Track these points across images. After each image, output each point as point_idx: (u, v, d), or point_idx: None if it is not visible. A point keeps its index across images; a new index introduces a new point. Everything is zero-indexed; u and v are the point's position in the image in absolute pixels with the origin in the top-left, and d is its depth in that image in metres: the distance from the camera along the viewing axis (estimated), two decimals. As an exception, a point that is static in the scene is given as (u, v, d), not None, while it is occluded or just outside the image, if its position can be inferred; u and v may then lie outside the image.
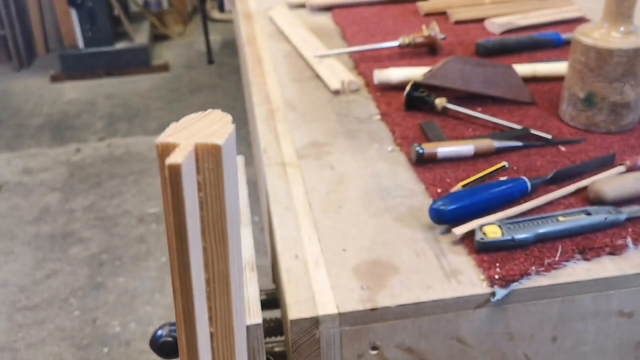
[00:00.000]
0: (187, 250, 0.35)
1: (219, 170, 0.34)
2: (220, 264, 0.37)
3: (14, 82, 3.67)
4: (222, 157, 0.34)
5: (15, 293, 2.14)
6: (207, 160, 0.34)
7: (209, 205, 0.35)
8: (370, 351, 0.65)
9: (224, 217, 0.35)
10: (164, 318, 2.00)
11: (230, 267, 0.37)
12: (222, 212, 0.35)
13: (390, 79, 1.04)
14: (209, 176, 0.34)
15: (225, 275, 0.37)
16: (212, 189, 0.35)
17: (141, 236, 2.38)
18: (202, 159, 0.34)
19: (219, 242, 0.36)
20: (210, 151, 0.34)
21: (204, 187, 0.35)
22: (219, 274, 0.37)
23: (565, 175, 0.81)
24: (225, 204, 0.35)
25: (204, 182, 0.35)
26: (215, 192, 0.35)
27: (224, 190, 0.35)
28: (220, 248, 0.36)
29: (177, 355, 0.73)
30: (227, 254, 0.37)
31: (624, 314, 0.68)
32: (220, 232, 0.36)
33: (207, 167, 0.34)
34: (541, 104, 1.00)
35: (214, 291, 0.38)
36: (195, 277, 0.36)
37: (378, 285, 0.66)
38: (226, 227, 0.36)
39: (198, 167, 0.34)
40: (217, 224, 0.36)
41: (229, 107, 3.30)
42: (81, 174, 2.79)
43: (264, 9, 1.43)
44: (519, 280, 0.65)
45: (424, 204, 0.78)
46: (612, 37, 0.86)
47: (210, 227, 0.36)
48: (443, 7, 1.38)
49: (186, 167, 0.33)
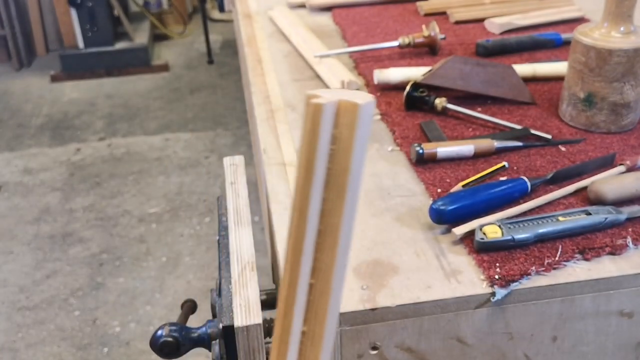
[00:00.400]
0: (309, 191, 0.39)
1: (353, 127, 0.38)
2: (334, 216, 0.40)
3: (14, 82, 3.67)
4: (358, 115, 0.38)
5: (15, 293, 2.14)
6: (345, 116, 0.38)
7: (337, 159, 0.39)
8: (370, 351, 0.65)
9: (347, 173, 0.39)
10: (164, 318, 2.00)
11: (341, 223, 0.40)
12: (346, 167, 0.39)
13: (390, 79, 1.04)
14: (344, 131, 0.38)
15: (336, 229, 0.40)
16: (343, 144, 0.38)
17: (141, 236, 2.38)
18: (341, 114, 0.38)
19: (338, 195, 0.39)
20: (350, 109, 0.38)
21: (337, 141, 0.38)
22: (331, 227, 0.40)
23: (565, 175, 0.81)
24: (350, 161, 0.39)
25: (339, 136, 0.38)
26: (345, 148, 0.38)
27: (352, 148, 0.38)
28: (338, 202, 0.40)
29: (177, 355, 0.73)
30: (342, 209, 0.40)
31: (624, 314, 0.68)
32: (341, 187, 0.39)
33: (343, 122, 0.38)
34: (541, 104, 1.00)
35: (323, 243, 0.41)
36: (311, 219, 0.40)
37: (378, 285, 0.66)
38: (346, 183, 0.39)
39: (336, 121, 0.38)
40: (339, 178, 0.39)
41: (229, 107, 3.30)
42: (81, 174, 2.79)
43: (264, 9, 1.43)
44: (519, 280, 0.65)
45: (424, 204, 0.78)
46: (612, 37, 0.86)
47: (334, 179, 0.39)
48: (443, 7, 1.38)
49: (327, 110, 0.37)
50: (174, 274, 2.19)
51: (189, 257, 2.27)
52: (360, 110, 0.38)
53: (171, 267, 2.22)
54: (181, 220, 2.46)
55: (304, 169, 0.39)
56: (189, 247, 2.31)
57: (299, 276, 0.41)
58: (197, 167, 2.81)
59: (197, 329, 0.74)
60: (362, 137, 0.39)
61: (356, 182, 0.40)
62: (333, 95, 0.38)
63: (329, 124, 0.38)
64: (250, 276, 0.71)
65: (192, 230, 2.40)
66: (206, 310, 1.13)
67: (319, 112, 0.37)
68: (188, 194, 2.62)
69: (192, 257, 2.27)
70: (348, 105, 0.38)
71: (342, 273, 0.42)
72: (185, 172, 2.76)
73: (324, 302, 0.42)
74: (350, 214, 0.40)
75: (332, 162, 0.39)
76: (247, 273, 0.72)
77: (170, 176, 2.74)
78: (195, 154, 2.91)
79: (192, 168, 2.79)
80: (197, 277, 2.17)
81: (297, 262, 0.41)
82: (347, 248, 0.41)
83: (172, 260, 2.26)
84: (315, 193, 0.39)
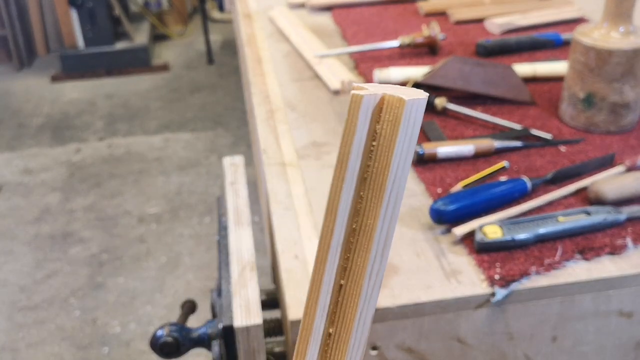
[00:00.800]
0: (340, 186, 0.37)
1: (397, 124, 0.36)
2: (370, 217, 0.38)
3: (14, 82, 3.68)
4: (403, 112, 0.35)
5: (15, 293, 2.14)
6: (389, 111, 0.36)
7: (378, 156, 0.37)
8: (371, 351, 0.65)
9: (387, 172, 0.37)
10: (164, 318, 2.00)
11: (377, 225, 0.38)
12: (387, 166, 0.37)
13: (390, 79, 1.04)
14: (386, 127, 0.36)
15: (371, 230, 0.38)
16: (385, 141, 0.36)
17: (141, 236, 2.38)
18: (385, 109, 0.36)
19: (377, 195, 0.37)
20: (395, 104, 0.35)
21: (379, 137, 0.36)
22: (366, 228, 0.38)
23: (565, 175, 0.81)
24: (392, 159, 0.36)
25: (381, 133, 0.36)
26: (387, 145, 0.36)
27: (395, 146, 0.36)
28: (375, 201, 0.38)
29: (177, 355, 0.73)
30: (380, 209, 0.38)
31: (623, 314, 0.69)
32: (380, 186, 0.37)
33: (387, 118, 0.36)
34: (541, 104, 1.00)
35: (357, 244, 0.39)
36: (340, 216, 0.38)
37: (378, 285, 0.66)
38: (386, 183, 0.37)
39: (380, 116, 0.36)
40: (379, 177, 0.37)
41: (229, 107, 3.30)
42: (81, 174, 2.79)
43: (264, 9, 1.43)
44: (519, 280, 0.65)
45: (424, 204, 0.78)
46: (611, 37, 0.86)
47: (373, 177, 0.37)
48: (443, 7, 1.38)
49: (366, 102, 0.35)
50: (174, 274, 2.19)
51: (189, 257, 2.27)
52: (407, 106, 0.35)
53: (171, 267, 2.22)
54: (181, 220, 2.46)
55: (339, 162, 0.37)
56: (189, 247, 2.31)
57: (324, 274, 0.40)
58: (197, 167, 2.81)
59: (197, 329, 0.74)
60: (407, 136, 0.36)
61: (397, 183, 0.38)
62: (380, 88, 0.36)
63: (366, 118, 0.36)
64: (250, 276, 0.71)
65: (192, 230, 2.40)
66: (206, 310, 1.13)
67: (358, 104, 0.35)
68: (188, 194, 2.62)
69: (192, 257, 2.27)
70: (393, 100, 0.35)
71: (377, 278, 0.40)
72: (185, 172, 2.76)
73: (352, 305, 0.40)
74: (389, 216, 0.38)
75: (372, 160, 0.37)
76: (247, 273, 0.72)
77: (170, 176, 2.74)
78: (195, 154, 2.91)
79: (192, 168, 2.80)
80: (197, 277, 2.17)
81: (324, 259, 0.39)
82: (383, 252, 0.39)
83: (172, 260, 2.26)
84: (347, 189, 0.37)
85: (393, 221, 0.39)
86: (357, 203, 0.38)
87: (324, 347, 0.42)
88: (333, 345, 0.42)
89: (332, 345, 0.42)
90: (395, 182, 0.38)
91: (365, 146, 0.37)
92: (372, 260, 0.39)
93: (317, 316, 0.41)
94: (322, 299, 0.40)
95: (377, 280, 0.40)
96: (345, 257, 0.40)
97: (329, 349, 0.42)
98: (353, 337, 0.41)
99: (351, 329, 0.41)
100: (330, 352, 0.42)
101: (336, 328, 0.41)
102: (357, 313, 0.41)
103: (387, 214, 0.38)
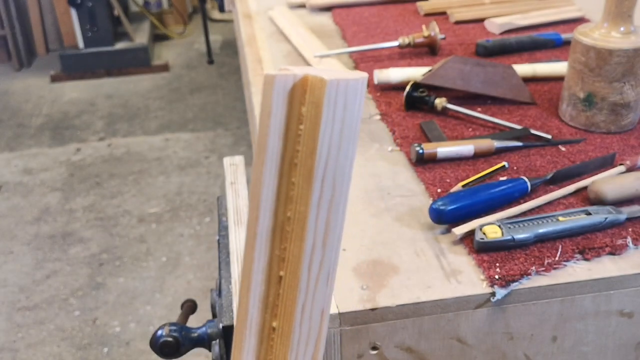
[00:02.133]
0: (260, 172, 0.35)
1: (319, 105, 0.34)
2: (302, 204, 0.36)
3: (14, 82, 3.67)
4: (325, 93, 0.34)
5: (15, 293, 2.14)
6: (312, 92, 0.34)
7: (304, 140, 0.35)
8: (370, 351, 0.65)
9: (314, 156, 0.35)
10: (164, 318, 2.00)
11: (309, 212, 0.36)
12: (313, 150, 0.35)
13: (390, 79, 1.04)
14: (310, 109, 0.34)
15: (303, 217, 0.37)
16: (310, 124, 0.35)
17: (141, 236, 2.38)
18: (310, 91, 0.34)
19: (305, 181, 0.36)
20: (317, 84, 0.34)
21: (305, 120, 0.35)
22: (299, 215, 0.37)
23: (565, 175, 0.81)
24: (318, 143, 0.35)
25: (307, 115, 0.35)
26: (312, 128, 0.35)
27: (319, 129, 0.34)
28: (305, 188, 0.36)
29: (177, 356, 0.73)
30: (310, 196, 0.36)
31: (624, 314, 0.68)
32: (308, 171, 0.35)
33: (310, 99, 0.34)
34: (541, 104, 1.00)
35: (292, 232, 0.37)
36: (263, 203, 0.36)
37: (378, 285, 0.66)
38: (314, 168, 0.35)
39: (305, 98, 0.34)
40: (307, 162, 0.35)
41: (229, 107, 3.30)
42: (81, 174, 2.79)
43: (264, 9, 1.43)
44: (519, 280, 0.65)
45: (424, 204, 0.78)
46: (612, 37, 0.86)
47: (302, 163, 0.36)
48: (443, 7, 1.38)
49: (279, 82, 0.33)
50: (174, 274, 2.19)
51: (189, 257, 2.27)
52: (329, 86, 0.33)
53: (171, 267, 2.22)
54: (181, 220, 2.46)
55: (258, 146, 0.35)
56: (189, 247, 2.31)
57: (253, 262, 0.38)
58: (197, 167, 2.80)
59: (197, 329, 0.74)
60: (334, 118, 0.34)
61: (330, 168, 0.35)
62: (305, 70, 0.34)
63: (280, 98, 0.34)
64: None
65: (192, 230, 2.40)
66: (206, 310, 1.13)
67: (270, 85, 0.33)
68: (188, 194, 2.62)
69: (192, 257, 2.27)
70: (315, 81, 0.33)
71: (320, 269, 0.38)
72: (185, 172, 2.76)
73: (292, 297, 0.38)
74: (325, 203, 0.36)
75: (300, 144, 0.35)
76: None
77: (170, 176, 2.74)
78: (195, 154, 2.91)
79: (192, 168, 2.79)
80: (197, 277, 2.17)
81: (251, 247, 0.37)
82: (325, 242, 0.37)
83: (172, 260, 2.26)
84: (268, 172, 0.35)
85: (335, 210, 0.37)
86: (289, 189, 0.37)
87: (268, 342, 0.40)
88: (277, 339, 0.40)
89: (277, 340, 0.40)
90: (328, 167, 0.36)
91: (291, 130, 0.35)
92: (310, 249, 0.37)
93: (250, 306, 0.39)
94: (253, 288, 0.38)
95: (322, 272, 0.38)
96: (282, 247, 0.38)
97: (274, 344, 0.40)
98: (296, 330, 0.40)
99: (292, 322, 0.39)
100: (275, 346, 0.40)
101: (279, 322, 0.40)
102: (298, 305, 0.39)
103: (321, 201, 0.36)
